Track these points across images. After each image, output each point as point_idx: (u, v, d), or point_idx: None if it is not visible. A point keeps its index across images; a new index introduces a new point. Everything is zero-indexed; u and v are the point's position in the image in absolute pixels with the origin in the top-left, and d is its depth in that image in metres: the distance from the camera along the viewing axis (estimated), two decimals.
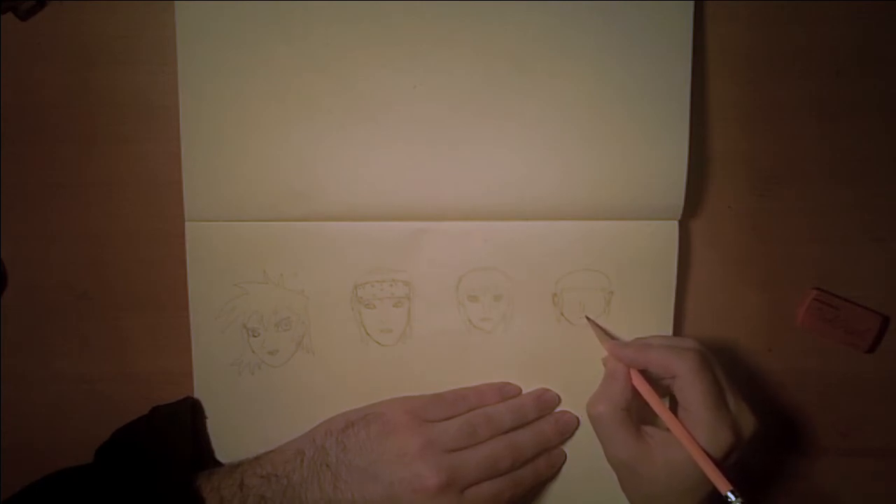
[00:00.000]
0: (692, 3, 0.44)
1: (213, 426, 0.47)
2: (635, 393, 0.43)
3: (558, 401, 0.47)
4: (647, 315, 0.47)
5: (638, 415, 0.43)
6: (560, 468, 0.47)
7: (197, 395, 0.47)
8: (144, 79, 0.46)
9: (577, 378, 0.46)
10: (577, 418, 0.47)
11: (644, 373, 0.43)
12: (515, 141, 0.45)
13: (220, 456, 0.47)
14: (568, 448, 0.47)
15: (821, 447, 0.49)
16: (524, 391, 0.47)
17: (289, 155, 0.45)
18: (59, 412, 0.48)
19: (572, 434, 0.47)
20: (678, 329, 0.47)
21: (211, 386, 0.47)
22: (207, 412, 0.47)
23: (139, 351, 0.48)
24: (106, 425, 0.45)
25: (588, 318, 0.46)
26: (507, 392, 0.47)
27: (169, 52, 0.44)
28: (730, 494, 0.39)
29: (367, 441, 0.43)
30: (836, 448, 0.49)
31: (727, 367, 0.42)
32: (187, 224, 0.46)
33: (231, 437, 0.47)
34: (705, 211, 0.48)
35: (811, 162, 0.47)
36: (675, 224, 0.46)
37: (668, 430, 0.42)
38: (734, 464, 0.41)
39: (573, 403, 0.47)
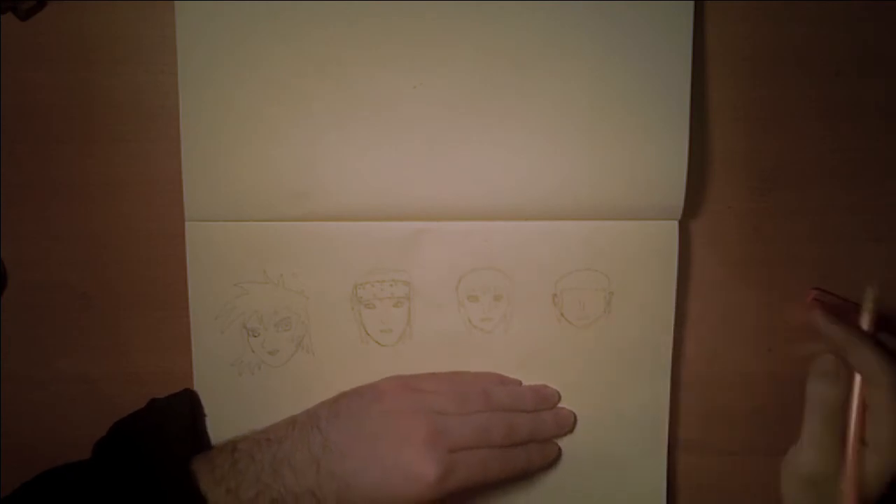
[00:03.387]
0: (692, 3, 0.44)
1: (213, 426, 0.47)
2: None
3: (558, 398, 0.47)
4: (647, 315, 0.47)
5: None
6: (551, 463, 0.47)
7: None
8: (144, 79, 0.46)
9: (576, 378, 0.46)
10: (575, 416, 0.47)
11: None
12: (515, 141, 0.45)
13: None
14: (566, 448, 0.47)
15: None
16: None
17: (289, 155, 0.45)
18: (59, 412, 0.48)
19: (570, 430, 0.47)
20: (678, 329, 0.47)
21: (211, 386, 0.47)
22: (207, 413, 0.47)
23: (139, 351, 0.48)
24: (106, 425, 0.45)
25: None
26: (506, 382, 0.47)
27: (169, 52, 0.44)
28: None
29: (357, 406, 0.43)
30: None
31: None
32: (187, 224, 0.46)
33: (231, 437, 0.47)
34: (705, 211, 0.48)
35: (811, 162, 0.47)
36: (675, 224, 0.46)
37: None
38: None
39: (573, 403, 0.47)
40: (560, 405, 0.47)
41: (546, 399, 0.47)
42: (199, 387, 0.47)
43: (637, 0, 0.44)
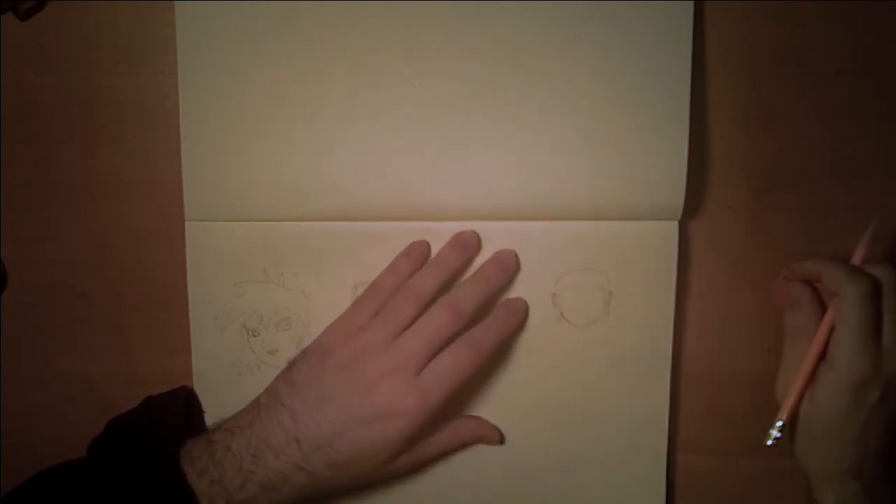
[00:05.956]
0: (692, 3, 0.44)
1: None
2: None
3: (476, 238, 0.46)
4: (647, 315, 0.47)
5: None
6: (524, 315, 0.46)
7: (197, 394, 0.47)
8: (144, 79, 0.46)
9: (576, 378, 0.46)
10: (515, 254, 0.46)
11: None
12: (515, 140, 0.45)
13: None
14: (565, 448, 0.47)
15: None
16: (522, 392, 0.47)
17: (289, 155, 0.45)
18: (59, 412, 0.49)
19: (517, 268, 0.46)
20: (678, 328, 0.47)
21: (211, 386, 0.47)
22: (207, 412, 0.47)
23: (139, 351, 0.48)
24: None
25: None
26: (414, 252, 0.45)
27: (169, 52, 0.44)
28: (778, 421, 0.41)
29: (310, 371, 0.43)
30: None
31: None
32: (187, 224, 0.46)
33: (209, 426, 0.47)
34: (705, 211, 0.48)
35: (811, 162, 0.47)
36: (675, 224, 0.46)
37: None
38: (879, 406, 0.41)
39: (572, 403, 0.47)
40: (561, 408, 0.47)
41: (466, 246, 0.45)
42: (198, 386, 0.47)
43: (637, 0, 0.44)
